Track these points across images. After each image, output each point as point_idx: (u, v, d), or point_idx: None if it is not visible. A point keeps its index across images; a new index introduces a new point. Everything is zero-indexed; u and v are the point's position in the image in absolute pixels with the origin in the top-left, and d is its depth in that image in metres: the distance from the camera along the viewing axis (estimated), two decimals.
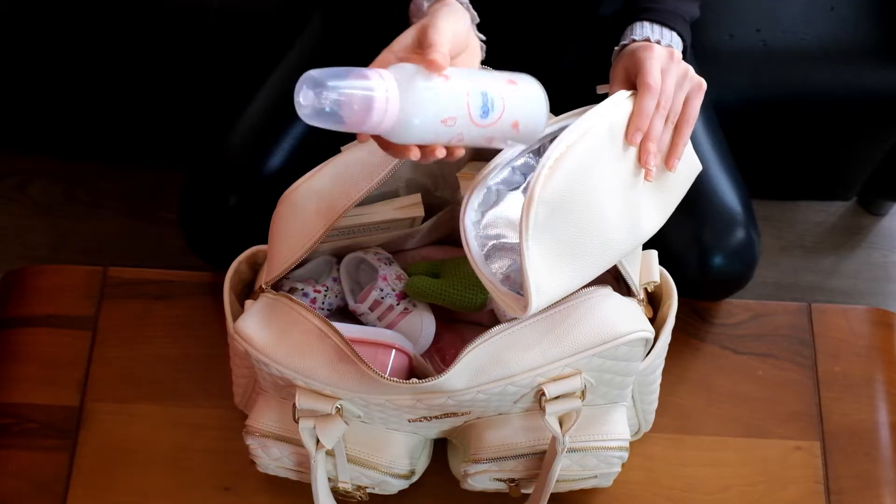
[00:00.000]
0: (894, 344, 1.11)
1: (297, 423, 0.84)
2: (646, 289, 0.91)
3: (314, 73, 0.64)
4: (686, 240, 1.04)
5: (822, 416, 1.06)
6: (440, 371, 0.80)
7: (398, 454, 0.91)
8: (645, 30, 0.86)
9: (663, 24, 0.86)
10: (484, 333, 0.80)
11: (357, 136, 0.70)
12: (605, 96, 0.82)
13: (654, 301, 0.94)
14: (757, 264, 1.07)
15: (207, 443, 1.04)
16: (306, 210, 0.87)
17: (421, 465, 0.95)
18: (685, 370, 1.08)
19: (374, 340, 0.86)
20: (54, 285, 1.13)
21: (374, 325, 0.95)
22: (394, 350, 0.86)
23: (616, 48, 0.87)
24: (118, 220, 1.68)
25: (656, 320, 0.93)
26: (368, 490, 0.95)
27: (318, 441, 0.84)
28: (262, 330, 0.83)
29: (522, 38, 1.03)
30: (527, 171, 0.81)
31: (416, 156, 0.68)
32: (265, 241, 0.92)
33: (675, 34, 0.87)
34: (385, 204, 0.95)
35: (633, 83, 0.83)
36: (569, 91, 0.90)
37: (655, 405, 1.00)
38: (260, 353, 0.82)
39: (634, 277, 0.88)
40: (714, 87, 0.92)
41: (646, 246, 0.92)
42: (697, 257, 1.04)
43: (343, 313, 0.99)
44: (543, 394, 0.82)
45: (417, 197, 0.95)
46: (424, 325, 0.94)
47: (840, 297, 1.62)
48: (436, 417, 0.86)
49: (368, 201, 0.92)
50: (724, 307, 1.12)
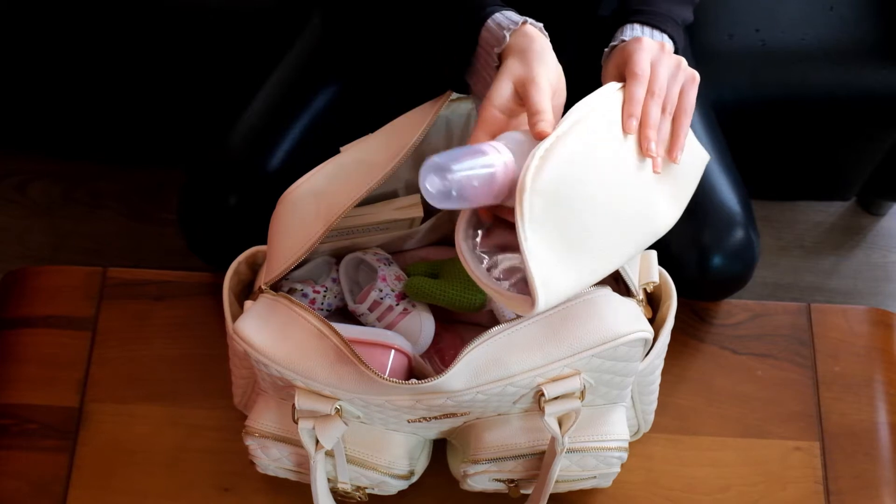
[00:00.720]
0: (894, 344, 1.11)
1: (297, 424, 0.84)
2: (645, 289, 0.91)
3: (437, 160, 0.67)
4: (685, 240, 1.04)
5: (822, 417, 1.06)
6: (439, 372, 0.80)
7: (397, 455, 0.91)
8: (635, 31, 0.85)
9: (654, 27, 0.86)
10: (483, 334, 0.80)
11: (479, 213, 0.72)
12: None
13: (654, 301, 0.95)
14: (756, 264, 1.07)
15: (207, 443, 1.04)
16: (306, 210, 0.87)
17: (420, 466, 0.96)
18: (684, 370, 1.09)
19: (374, 341, 0.86)
20: (54, 286, 1.13)
21: (374, 326, 0.95)
22: (393, 350, 0.86)
23: (606, 50, 0.87)
24: (118, 221, 1.68)
25: (656, 321, 0.93)
26: (368, 490, 0.95)
27: (318, 442, 0.84)
28: (262, 330, 0.83)
29: None
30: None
31: None
32: (265, 242, 0.92)
33: (666, 36, 0.87)
34: (384, 204, 0.95)
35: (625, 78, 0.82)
36: (568, 91, 0.90)
37: (655, 405, 1.00)
38: (259, 354, 0.83)
39: (634, 278, 0.88)
40: (713, 88, 0.93)
41: None
42: (697, 258, 1.04)
43: (342, 314, 0.99)
44: (543, 394, 0.82)
45: (417, 197, 0.95)
46: (424, 326, 0.94)
47: (839, 298, 1.62)
48: (435, 418, 0.86)
49: (368, 202, 0.92)
50: (724, 307, 1.12)
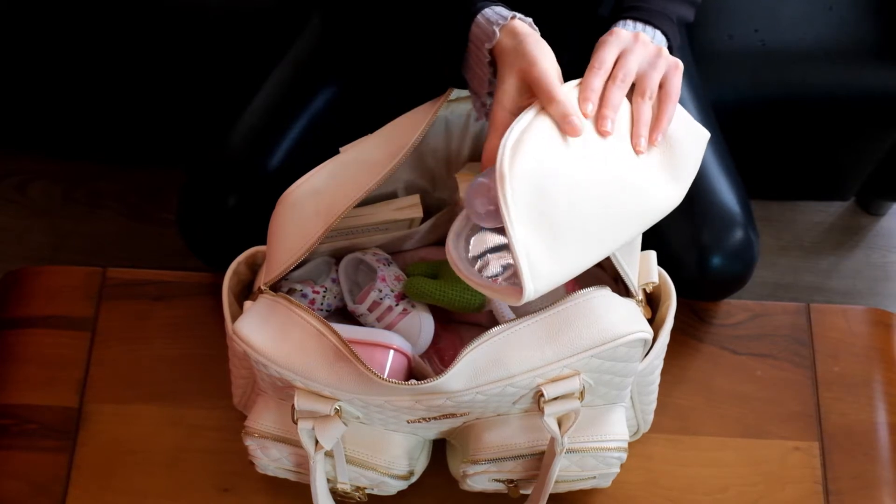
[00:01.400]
0: (893, 344, 1.11)
1: (296, 424, 0.84)
2: (644, 289, 0.91)
3: (483, 180, 0.71)
4: (685, 240, 1.04)
5: (821, 417, 1.06)
6: (439, 372, 0.80)
7: (397, 455, 0.91)
8: (627, 26, 0.86)
9: (647, 22, 0.86)
10: (483, 334, 0.80)
11: None
12: None
13: (653, 301, 0.95)
14: (756, 265, 1.07)
15: (206, 443, 1.04)
16: (305, 211, 0.87)
17: (420, 466, 0.96)
18: (684, 371, 1.09)
19: (373, 341, 0.86)
20: (53, 286, 1.13)
21: (373, 326, 0.95)
22: (392, 351, 0.86)
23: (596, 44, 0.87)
24: (118, 221, 1.68)
25: (655, 321, 0.93)
26: (367, 491, 0.95)
27: (317, 442, 0.84)
28: (261, 331, 0.83)
29: None
30: None
31: None
32: (264, 242, 0.92)
33: (659, 32, 0.87)
34: (384, 205, 0.95)
35: None
36: None
37: (654, 406, 1.00)
38: (259, 354, 0.83)
39: (633, 278, 0.88)
40: (713, 88, 0.93)
41: (644, 246, 0.92)
42: (696, 258, 1.04)
43: (342, 314, 0.99)
44: (542, 395, 0.82)
45: (416, 198, 0.95)
46: (423, 326, 0.94)
47: (839, 298, 1.62)
48: (434, 418, 0.86)
49: (367, 202, 0.92)
50: (723, 307, 1.12)
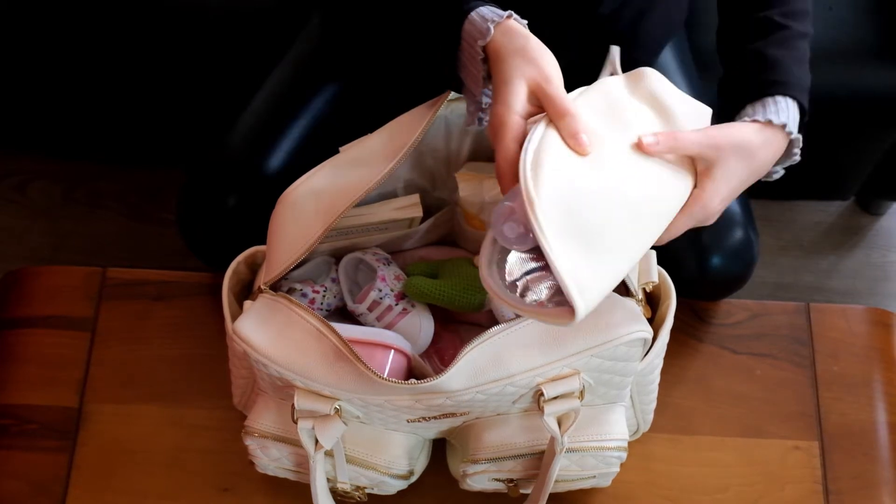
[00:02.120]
0: (893, 344, 1.11)
1: (296, 424, 0.84)
2: (644, 289, 0.91)
3: (511, 204, 0.68)
4: (684, 240, 1.03)
5: (821, 416, 1.06)
6: (439, 371, 0.80)
7: (397, 454, 0.91)
8: (777, 107, 0.83)
9: (793, 97, 0.84)
10: (482, 334, 0.80)
11: None
12: None
13: (653, 301, 0.95)
14: (755, 264, 1.08)
15: (206, 443, 1.04)
16: (305, 210, 0.87)
17: (420, 466, 0.96)
18: (684, 370, 1.09)
19: (373, 341, 0.86)
20: (53, 286, 1.13)
21: (373, 326, 0.95)
22: (392, 350, 0.86)
23: (730, 102, 0.86)
24: (117, 221, 1.68)
25: (655, 320, 0.93)
26: (367, 490, 0.95)
27: (317, 441, 0.84)
28: (261, 330, 0.83)
29: None
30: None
31: None
32: (264, 242, 0.92)
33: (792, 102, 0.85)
34: (384, 204, 0.95)
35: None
36: (568, 91, 0.90)
37: (654, 405, 1.00)
38: (259, 354, 0.83)
39: (633, 277, 0.88)
40: (713, 88, 0.93)
41: None
42: (696, 257, 1.04)
43: (342, 314, 0.99)
44: (542, 394, 0.82)
45: (416, 197, 0.95)
46: (423, 326, 0.94)
47: (838, 297, 1.62)
48: (434, 418, 0.86)
49: (367, 202, 0.92)
50: (723, 307, 1.12)
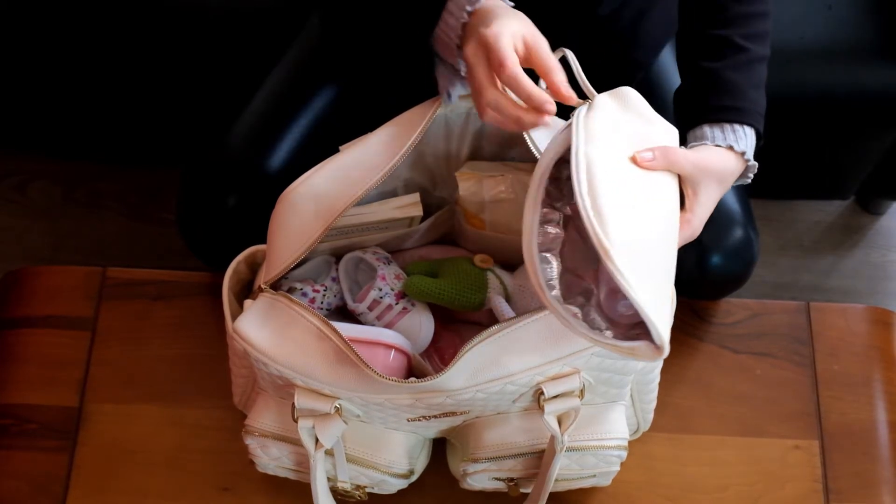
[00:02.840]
0: (893, 343, 1.11)
1: (297, 423, 0.84)
2: None
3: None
4: None
5: (821, 416, 1.06)
6: (439, 370, 0.80)
7: (397, 454, 0.91)
8: (734, 136, 0.85)
9: (749, 125, 0.86)
10: (482, 332, 0.80)
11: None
12: None
13: None
14: (755, 263, 1.08)
15: (207, 443, 1.04)
16: (305, 210, 0.87)
17: (420, 465, 0.96)
18: (684, 369, 1.09)
19: (373, 340, 0.86)
20: (53, 286, 1.13)
21: (373, 325, 0.95)
22: (392, 349, 0.86)
23: (689, 125, 0.87)
24: (118, 221, 1.68)
25: None
26: (367, 489, 0.95)
27: (318, 441, 0.84)
28: (261, 330, 0.83)
29: None
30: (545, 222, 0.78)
31: None
32: (264, 241, 0.92)
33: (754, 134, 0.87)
34: (384, 203, 0.95)
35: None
36: None
37: (654, 404, 1.00)
38: (259, 353, 0.83)
39: None
40: None
41: None
42: (696, 257, 1.04)
43: (342, 313, 0.99)
44: (542, 393, 0.82)
45: (416, 196, 0.95)
46: (423, 325, 0.94)
47: (838, 297, 1.62)
48: (434, 417, 0.86)
49: (367, 201, 0.92)
50: (723, 306, 1.12)
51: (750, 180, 0.89)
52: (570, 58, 0.80)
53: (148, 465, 1.03)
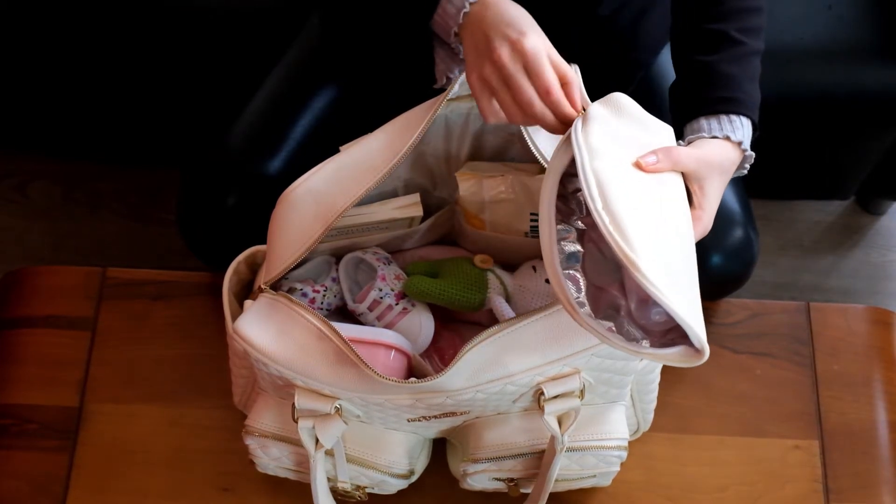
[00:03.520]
0: (893, 343, 1.11)
1: (297, 423, 0.84)
2: None
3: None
4: None
5: (821, 415, 1.07)
6: (439, 371, 0.80)
7: (397, 454, 0.91)
8: (735, 127, 0.85)
9: (747, 116, 0.87)
10: (482, 333, 0.80)
11: None
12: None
13: None
14: (755, 264, 1.08)
15: (207, 443, 1.04)
16: (305, 210, 0.87)
17: (420, 465, 0.96)
18: (684, 370, 1.08)
19: (373, 340, 0.86)
20: (53, 286, 1.13)
21: (373, 325, 0.95)
22: (392, 350, 0.86)
23: (687, 118, 0.88)
24: (117, 221, 1.68)
25: None
26: (368, 490, 0.95)
27: (318, 441, 0.84)
28: (261, 330, 0.83)
29: None
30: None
31: None
32: (264, 242, 0.92)
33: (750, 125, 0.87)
34: (384, 204, 0.95)
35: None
36: None
37: (654, 405, 1.00)
38: (259, 353, 0.83)
39: None
40: None
41: None
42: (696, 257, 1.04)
43: (342, 313, 0.99)
44: (542, 393, 0.82)
45: (416, 197, 0.95)
46: (423, 325, 0.94)
47: (838, 297, 1.62)
48: (435, 417, 0.86)
49: (367, 201, 0.92)
50: (723, 306, 1.12)
51: (746, 171, 0.89)
52: (576, 70, 0.81)
53: (148, 465, 1.04)
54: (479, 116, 0.85)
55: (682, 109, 0.89)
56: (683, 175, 0.80)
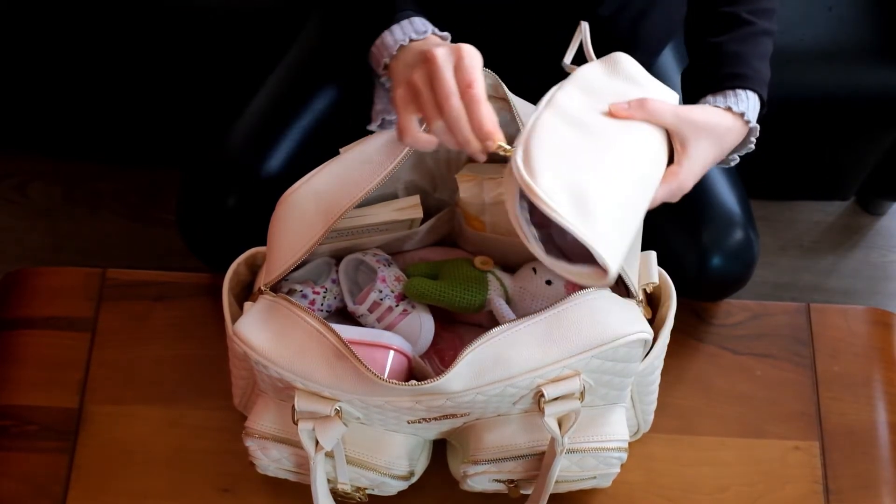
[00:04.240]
0: (893, 344, 1.11)
1: (297, 425, 0.84)
2: (644, 290, 0.91)
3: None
4: (685, 240, 1.04)
5: (821, 416, 1.07)
6: (439, 372, 0.80)
7: (397, 455, 0.91)
8: (744, 100, 0.86)
9: (755, 91, 0.87)
10: (483, 335, 0.80)
11: None
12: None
13: (653, 302, 0.95)
14: (755, 264, 1.07)
15: (206, 444, 1.04)
16: (305, 211, 0.87)
17: (420, 467, 0.96)
18: (684, 371, 1.09)
19: (373, 342, 0.86)
20: (53, 287, 1.13)
21: (373, 327, 0.95)
22: (392, 352, 0.86)
23: (700, 82, 0.89)
24: (117, 222, 1.68)
25: (655, 321, 0.93)
26: (368, 491, 0.95)
27: (318, 443, 0.84)
28: (261, 332, 0.83)
29: (522, 39, 1.03)
30: None
31: None
32: (264, 243, 0.92)
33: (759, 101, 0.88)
34: (384, 205, 0.95)
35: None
36: None
37: (654, 406, 1.00)
38: (259, 355, 0.83)
39: (633, 278, 0.88)
40: None
41: (644, 247, 0.92)
42: (696, 258, 1.04)
43: (342, 315, 0.99)
44: (542, 395, 0.82)
45: (416, 199, 0.95)
46: (423, 327, 0.94)
47: (838, 297, 1.62)
48: (435, 419, 0.86)
49: (367, 203, 0.92)
50: (723, 307, 1.12)
51: (753, 145, 0.89)
52: (584, 28, 0.83)
53: (148, 466, 1.03)
54: None
55: (691, 90, 0.89)
56: (669, 133, 0.81)
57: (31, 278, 1.15)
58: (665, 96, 0.83)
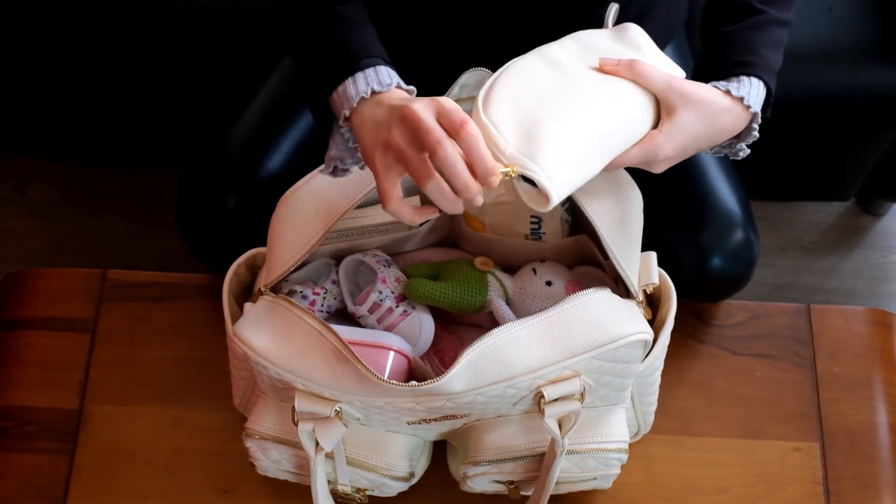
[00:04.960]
0: (893, 344, 1.11)
1: (297, 426, 0.84)
2: (645, 290, 0.91)
3: None
4: (685, 241, 1.04)
5: (821, 417, 1.06)
6: (439, 373, 0.80)
7: (397, 456, 0.91)
8: (749, 87, 0.86)
9: (760, 77, 0.87)
10: (483, 336, 0.80)
11: None
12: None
13: (653, 303, 0.95)
14: (756, 265, 1.07)
15: (206, 445, 1.04)
16: (305, 212, 0.87)
17: (420, 467, 0.96)
18: (684, 371, 1.09)
19: (373, 343, 0.86)
20: (53, 288, 1.13)
21: (373, 328, 0.95)
22: (392, 352, 0.86)
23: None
24: (117, 223, 1.68)
25: (655, 322, 0.93)
26: (368, 492, 0.95)
27: (318, 444, 0.84)
28: (261, 333, 0.83)
29: (522, 39, 1.03)
30: None
31: None
32: (264, 244, 0.92)
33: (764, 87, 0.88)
34: None
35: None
36: None
37: (654, 406, 1.00)
38: (259, 356, 0.83)
39: (633, 279, 0.88)
40: None
41: (644, 247, 0.92)
42: (696, 259, 1.04)
43: (342, 315, 0.99)
44: (542, 396, 0.82)
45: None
46: (423, 327, 0.94)
47: (839, 298, 1.62)
48: (435, 420, 0.86)
49: (367, 203, 0.92)
50: (723, 308, 1.12)
51: (756, 134, 0.88)
52: (614, 8, 0.86)
53: (148, 467, 1.03)
54: None
55: (699, 79, 0.89)
56: (658, 99, 0.82)
57: (32, 279, 1.15)
58: (671, 71, 0.83)
